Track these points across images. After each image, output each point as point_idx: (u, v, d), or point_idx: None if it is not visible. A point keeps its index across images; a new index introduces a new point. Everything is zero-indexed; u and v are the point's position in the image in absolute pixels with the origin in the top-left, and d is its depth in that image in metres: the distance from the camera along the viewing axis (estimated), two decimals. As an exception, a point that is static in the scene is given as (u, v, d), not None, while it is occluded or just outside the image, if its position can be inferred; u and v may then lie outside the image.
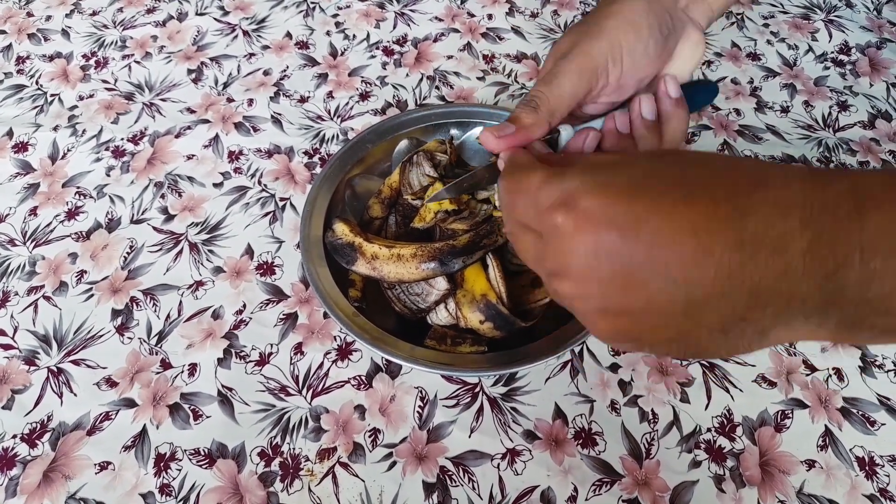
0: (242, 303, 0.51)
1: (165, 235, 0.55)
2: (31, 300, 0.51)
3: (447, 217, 0.48)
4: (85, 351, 0.49)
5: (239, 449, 0.45)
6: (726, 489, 0.43)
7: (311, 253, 0.48)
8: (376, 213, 0.51)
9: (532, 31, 0.72)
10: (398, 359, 0.44)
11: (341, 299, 0.46)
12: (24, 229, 0.56)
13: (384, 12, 0.74)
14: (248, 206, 0.57)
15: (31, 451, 0.45)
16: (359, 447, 0.45)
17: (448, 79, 0.67)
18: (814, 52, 0.71)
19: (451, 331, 0.46)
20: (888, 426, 0.46)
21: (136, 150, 0.61)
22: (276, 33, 0.71)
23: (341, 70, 0.68)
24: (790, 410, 0.47)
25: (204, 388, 0.47)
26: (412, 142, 0.56)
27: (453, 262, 0.45)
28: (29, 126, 0.63)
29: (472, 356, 0.45)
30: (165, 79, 0.67)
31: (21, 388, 0.47)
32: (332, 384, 0.48)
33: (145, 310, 0.51)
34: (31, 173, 0.59)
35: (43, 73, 0.67)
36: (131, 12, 0.73)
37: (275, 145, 0.61)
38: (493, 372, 0.46)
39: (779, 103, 0.66)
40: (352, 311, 0.46)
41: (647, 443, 0.45)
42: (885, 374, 0.49)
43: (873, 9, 0.76)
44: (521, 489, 0.43)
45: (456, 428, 0.46)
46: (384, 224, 0.52)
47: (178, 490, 0.43)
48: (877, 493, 0.44)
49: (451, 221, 0.48)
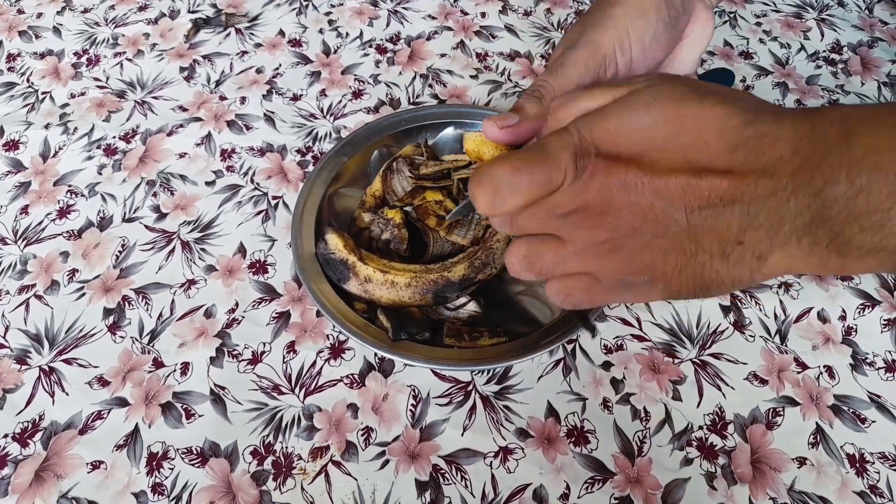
0: (235, 301, 0.51)
1: (157, 234, 0.55)
2: (22, 299, 0.51)
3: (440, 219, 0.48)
4: (77, 350, 0.49)
5: (231, 448, 0.45)
6: (718, 486, 0.44)
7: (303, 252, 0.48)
8: (364, 223, 0.51)
9: (525, 29, 0.72)
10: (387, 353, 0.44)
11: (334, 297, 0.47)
12: (16, 228, 0.55)
13: (377, 10, 0.74)
14: (240, 204, 0.57)
15: (23, 450, 0.45)
16: (351, 446, 0.45)
17: (441, 77, 0.67)
18: (806, 51, 0.71)
19: (464, 326, 0.47)
20: (879, 423, 0.46)
21: (128, 148, 0.61)
22: (269, 31, 0.71)
23: (334, 68, 0.68)
24: (781, 408, 0.47)
25: (196, 387, 0.47)
26: (383, 150, 0.56)
27: (448, 294, 0.46)
28: (20, 124, 0.62)
29: (468, 352, 0.45)
30: (157, 77, 0.67)
31: (12, 387, 0.47)
32: (325, 383, 0.48)
33: (137, 308, 0.51)
34: (23, 171, 0.59)
35: (34, 71, 0.67)
36: (123, 10, 0.73)
37: (267, 143, 0.61)
38: (485, 366, 0.47)
39: (771, 102, 0.66)
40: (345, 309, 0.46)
41: (640, 440, 0.45)
42: (875, 372, 0.49)
43: (865, 8, 0.76)
44: (514, 487, 0.44)
45: (448, 426, 0.46)
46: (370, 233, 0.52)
47: (171, 489, 0.43)
48: (867, 489, 0.44)
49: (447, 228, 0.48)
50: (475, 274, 0.46)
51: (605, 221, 0.29)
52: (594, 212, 0.29)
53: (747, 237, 0.26)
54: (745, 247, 0.26)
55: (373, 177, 0.54)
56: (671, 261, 0.28)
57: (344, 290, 0.47)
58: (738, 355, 0.49)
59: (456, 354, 0.45)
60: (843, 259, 0.25)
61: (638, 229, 0.28)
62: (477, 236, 0.49)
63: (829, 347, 0.50)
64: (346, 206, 0.54)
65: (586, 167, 0.29)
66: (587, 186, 0.29)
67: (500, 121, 0.37)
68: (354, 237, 0.50)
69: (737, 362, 0.49)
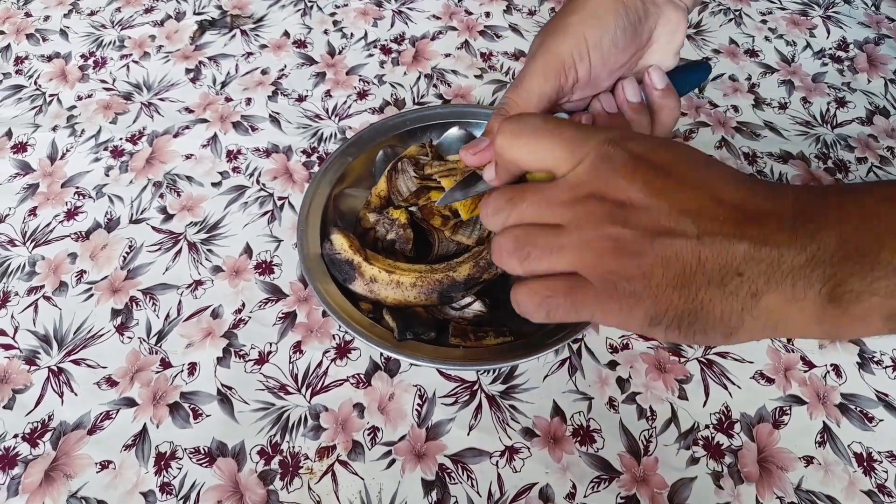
0: (241, 302, 0.51)
1: (164, 235, 0.55)
2: (31, 300, 0.52)
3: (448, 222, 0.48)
4: (85, 350, 0.49)
5: (239, 447, 0.45)
6: (724, 486, 0.44)
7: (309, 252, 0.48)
8: (369, 223, 0.51)
9: (529, 28, 0.72)
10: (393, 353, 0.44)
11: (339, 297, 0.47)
12: (24, 229, 0.56)
13: (382, 11, 0.74)
14: (246, 205, 0.57)
15: (33, 450, 0.45)
16: (358, 445, 0.45)
17: (446, 77, 0.67)
18: (812, 49, 0.71)
19: (470, 325, 0.47)
20: (886, 422, 0.46)
21: (135, 149, 0.61)
22: (274, 32, 0.71)
23: (339, 69, 0.68)
24: (788, 407, 0.47)
25: (203, 387, 0.47)
26: (388, 150, 0.56)
27: (453, 294, 0.46)
28: (28, 126, 0.63)
29: (474, 351, 0.45)
30: (163, 78, 0.67)
31: (22, 387, 0.48)
32: (331, 382, 0.48)
33: (145, 309, 0.51)
34: (31, 173, 0.59)
35: (41, 74, 0.67)
36: (129, 12, 0.73)
37: (273, 144, 0.61)
38: (490, 366, 0.47)
39: (777, 100, 0.66)
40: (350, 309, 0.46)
41: (646, 440, 0.45)
42: (883, 371, 0.49)
43: (871, 5, 0.76)
44: (520, 486, 0.44)
45: (454, 426, 0.46)
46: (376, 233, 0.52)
47: (179, 489, 0.43)
48: (875, 489, 0.44)
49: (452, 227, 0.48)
50: (480, 273, 0.46)
51: (617, 214, 0.29)
52: (609, 203, 0.29)
53: (748, 269, 0.27)
54: (743, 279, 0.27)
55: (378, 177, 0.54)
56: (669, 273, 0.28)
57: (350, 290, 0.48)
58: (744, 354, 0.49)
59: (461, 354, 0.45)
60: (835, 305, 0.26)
61: (648, 229, 0.28)
62: (482, 236, 0.49)
63: (836, 346, 0.50)
64: (351, 207, 0.54)
65: (613, 155, 0.29)
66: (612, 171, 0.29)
67: (472, 147, 0.39)
68: (360, 237, 0.50)
69: (743, 361, 0.49)
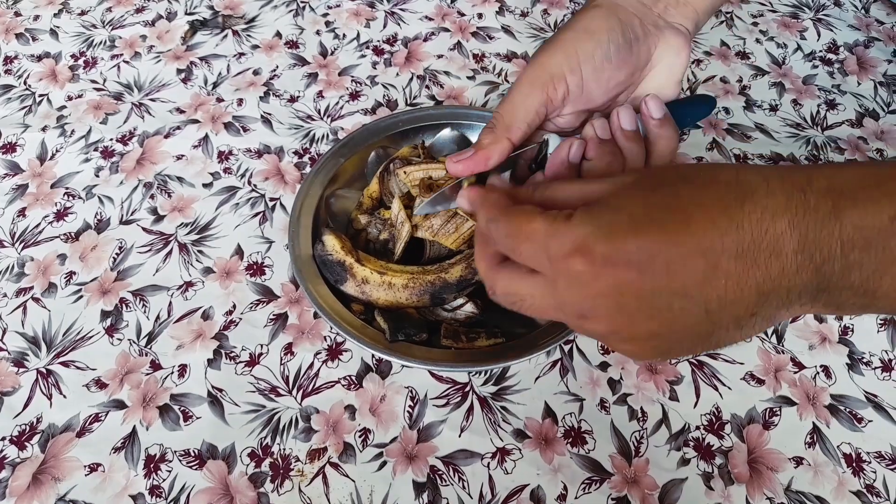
0: (232, 303, 0.51)
1: (155, 236, 0.55)
2: (19, 302, 0.51)
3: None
4: (74, 352, 0.49)
5: (229, 450, 0.45)
6: (715, 486, 0.44)
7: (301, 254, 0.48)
8: (361, 224, 0.51)
9: (522, 30, 0.72)
10: (385, 354, 0.44)
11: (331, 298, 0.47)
12: (13, 230, 0.55)
13: (374, 11, 0.74)
14: (237, 206, 0.57)
15: (21, 453, 0.45)
16: (349, 447, 0.45)
17: (438, 78, 0.67)
18: (802, 51, 0.71)
19: (461, 327, 0.47)
20: (875, 423, 0.47)
21: (125, 150, 0.61)
22: (266, 33, 0.71)
23: (331, 69, 0.68)
24: (778, 408, 0.47)
25: (194, 389, 0.47)
26: (380, 152, 0.56)
27: (445, 295, 0.46)
28: (17, 126, 0.62)
29: (465, 352, 0.45)
30: (154, 79, 0.67)
31: (10, 390, 0.47)
32: (323, 384, 0.48)
33: (135, 311, 0.51)
34: (20, 174, 0.59)
35: (31, 74, 0.67)
36: (120, 12, 0.73)
37: (264, 145, 0.61)
38: (482, 367, 0.47)
39: (767, 102, 0.66)
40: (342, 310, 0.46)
41: (637, 441, 0.45)
42: (872, 372, 0.49)
43: (861, 7, 0.76)
44: (511, 488, 0.44)
45: (446, 427, 0.46)
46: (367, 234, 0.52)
47: (168, 491, 0.43)
48: (864, 489, 0.44)
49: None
50: (472, 275, 0.46)
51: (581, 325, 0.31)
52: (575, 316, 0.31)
53: (760, 309, 0.28)
54: (757, 316, 0.28)
55: (370, 178, 0.54)
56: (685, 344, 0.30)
57: (341, 291, 0.47)
58: (735, 355, 0.49)
59: (453, 355, 0.45)
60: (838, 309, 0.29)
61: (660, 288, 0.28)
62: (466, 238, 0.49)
63: (825, 347, 0.50)
64: (343, 208, 0.54)
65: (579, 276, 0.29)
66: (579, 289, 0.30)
67: (457, 156, 0.41)
68: (352, 238, 0.50)
69: (734, 362, 0.49)
